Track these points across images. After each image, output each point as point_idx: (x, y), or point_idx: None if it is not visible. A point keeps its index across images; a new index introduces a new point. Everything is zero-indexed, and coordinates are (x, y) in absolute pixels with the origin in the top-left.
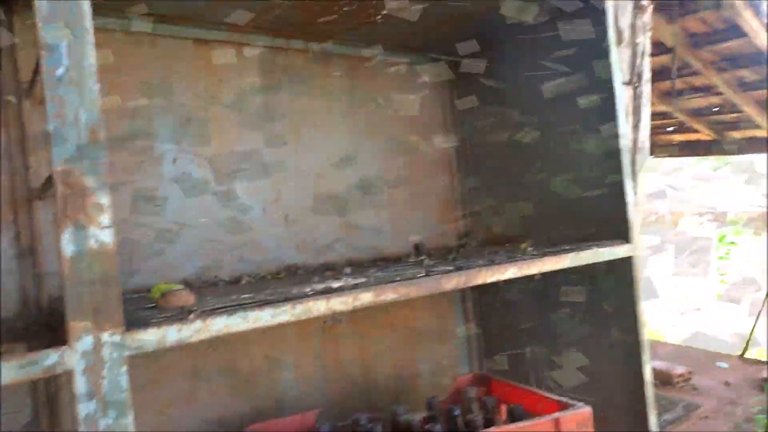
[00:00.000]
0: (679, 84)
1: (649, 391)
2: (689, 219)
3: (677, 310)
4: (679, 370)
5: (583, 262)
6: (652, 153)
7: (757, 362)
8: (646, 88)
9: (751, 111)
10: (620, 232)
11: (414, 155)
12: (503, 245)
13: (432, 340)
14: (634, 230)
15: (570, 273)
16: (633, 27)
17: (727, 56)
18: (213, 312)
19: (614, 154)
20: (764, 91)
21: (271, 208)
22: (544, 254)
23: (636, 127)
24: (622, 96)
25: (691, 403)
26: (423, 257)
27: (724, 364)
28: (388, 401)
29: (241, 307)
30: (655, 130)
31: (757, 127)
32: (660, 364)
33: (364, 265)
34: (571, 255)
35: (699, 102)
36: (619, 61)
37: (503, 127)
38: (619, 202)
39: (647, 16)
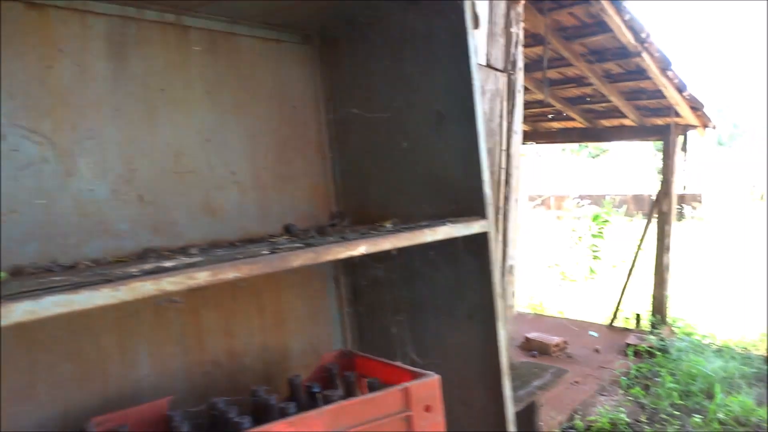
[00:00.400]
0: (554, 74)
1: (503, 359)
2: (570, 201)
3: (556, 284)
4: (556, 340)
5: (439, 238)
6: (534, 139)
7: (623, 330)
8: (520, 75)
9: (617, 102)
10: (477, 208)
11: (283, 134)
12: (373, 223)
13: (304, 321)
14: (488, 207)
15: (433, 249)
16: (507, 17)
17: (595, 49)
18: (15, 297)
19: (472, 134)
20: (629, 83)
21: (123, 189)
22: (399, 230)
23: (511, 112)
24: (478, 77)
25: (560, 369)
26: (293, 238)
27: (594, 333)
28: (257, 384)
29: (51, 290)
30: (536, 118)
31: (624, 116)
32: (539, 336)
33: (225, 247)
34: (428, 231)
35: (573, 92)
36: (475, 43)
37: (371, 105)
38: (476, 180)
39: (520, 7)
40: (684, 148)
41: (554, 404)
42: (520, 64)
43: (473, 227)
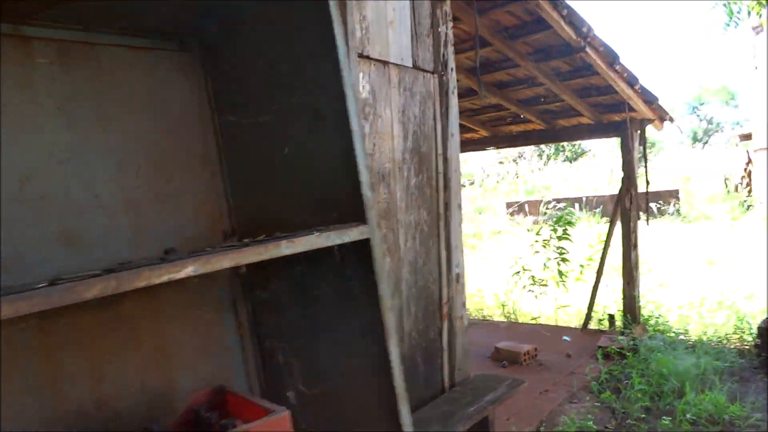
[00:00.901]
0: (504, 76)
1: (398, 382)
2: (545, 204)
3: (528, 290)
4: (526, 348)
5: (300, 250)
6: (494, 144)
7: (596, 332)
8: (452, 76)
9: (570, 100)
10: (357, 213)
11: (162, 149)
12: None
13: (195, 354)
14: (370, 211)
15: (320, 262)
16: (433, 16)
17: (539, 48)
18: None
19: (347, 133)
20: (578, 80)
21: None
22: (247, 245)
23: (445, 114)
24: (350, 71)
25: (516, 380)
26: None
27: (567, 338)
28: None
29: None
30: (495, 123)
31: (581, 114)
32: (508, 344)
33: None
34: (285, 243)
35: (526, 93)
36: (345, 35)
37: (252, 111)
38: (354, 182)
39: (447, 6)
40: (642, 143)
41: (521, 416)
42: (452, 64)
43: (349, 234)
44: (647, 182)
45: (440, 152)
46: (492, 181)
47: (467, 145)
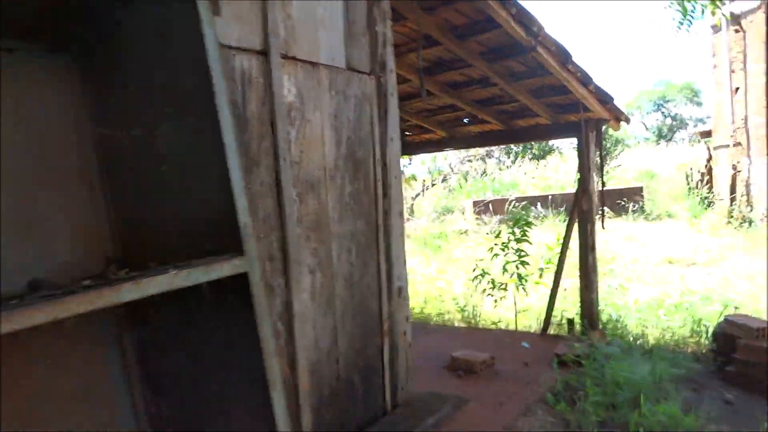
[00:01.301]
0: (458, 76)
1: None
2: (510, 203)
3: (488, 294)
4: (482, 357)
5: (152, 292)
6: (452, 146)
7: (555, 337)
8: (392, 77)
9: (526, 101)
10: (233, 243)
11: (26, 166)
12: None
13: (70, 400)
14: (248, 240)
15: (198, 300)
16: (369, 15)
17: (492, 47)
18: None
19: (219, 147)
20: (533, 80)
21: None
22: (70, 293)
23: (384, 118)
24: (221, 74)
25: (461, 399)
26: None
27: (526, 344)
28: None
29: None
30: (452, 124)
31: (537, 115)
32: (464, 354)
33: None
34: (128, 286)
35: (481, 93)
36: (215, 38)
37: (134, 124)
38: (229, 207)
39: (386, 5)
40: (598, 143)
41: None
42: (391, 65)
43: (219, 270)
44: (603, 183)
45: (378, 158)
46: (461, 179)
47: (425, 147)
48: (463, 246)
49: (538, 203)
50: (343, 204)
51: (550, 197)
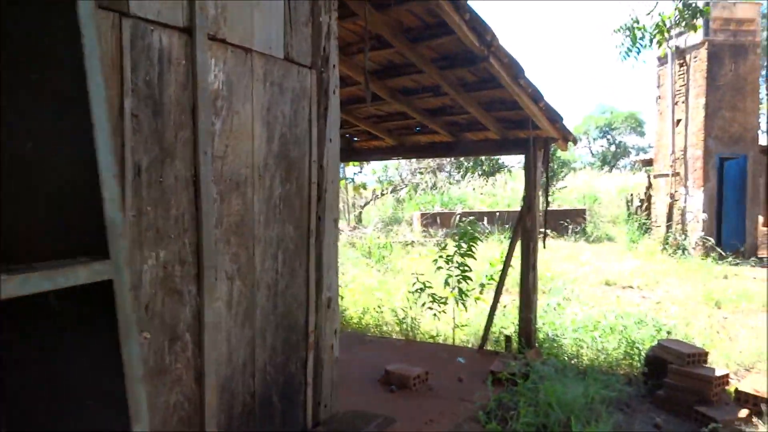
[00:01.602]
0: (409, 82)
1: None
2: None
3: (427, 307)
4: (416, 371)
5: None
6: (401, 154)
7: (492, 354)
8: (334, 73)
9: (476, 113)
10: (98, 243)
11: None
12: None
13: None
14: (116, 240)
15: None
16: (314, 4)
17: (444, 54)
18: None
19: (87, 123)
20: (484, 92)
21: None
22: None
23: (323, 116)
24: (92, 40)
25: (387, 418)
26: None
27: (462, 360)
28: None
29: None
30: (402, 131)
31: (487, 129)
32: (398, 367)
33: None
34: None
35: (432, 102)
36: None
37: None
38: (95, 198)
39: None
40: (545, 162)
41: None
42: (335, 60)
43: (71, 276)
44: (546, 203)
45: (315, 159)
46: (411, 191)
47: (373, 154)
48: (407, 258)
49: (485, 219)
50: (272, 206)
51: (497, 214)
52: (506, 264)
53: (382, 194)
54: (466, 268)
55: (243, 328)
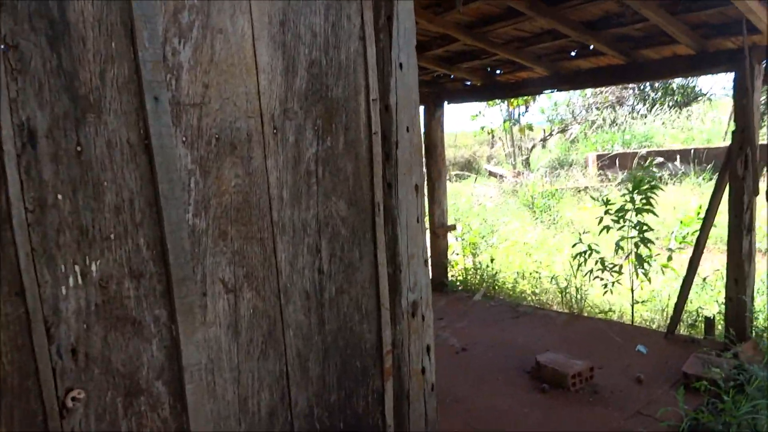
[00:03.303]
0: None
1: None
2: (639, 158)
3: (595, 275)
4: (577, 367)
5: None
6: (556, 86)
7: (686, 341)
8: None
9: (657, 19)
10: None
11: None
12: None
13: None
14: None
15: None
16: None
17: None
18: None
19: None
20: None
21: None
22: None
23: (385, 29)
24: None
25: None
26: None
27: (643, 348)
28: None
29: None
30: (554, 57)
31: (675, 41)
32: (553, 359)
33: None
34: None
35: (591, 11)
36: None
37: None
38: None
39: None
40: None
41: None
42: None
43: None
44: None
45: (375, 97)
46: (586, 129)
47: (521, 88)
48: (578, 208)
49: (677, 158)
50: (302, 174)
51: (692, 152)
52: (707, 222)
53: (551, 135)
54: (645, 227)
55: (264, 361)
